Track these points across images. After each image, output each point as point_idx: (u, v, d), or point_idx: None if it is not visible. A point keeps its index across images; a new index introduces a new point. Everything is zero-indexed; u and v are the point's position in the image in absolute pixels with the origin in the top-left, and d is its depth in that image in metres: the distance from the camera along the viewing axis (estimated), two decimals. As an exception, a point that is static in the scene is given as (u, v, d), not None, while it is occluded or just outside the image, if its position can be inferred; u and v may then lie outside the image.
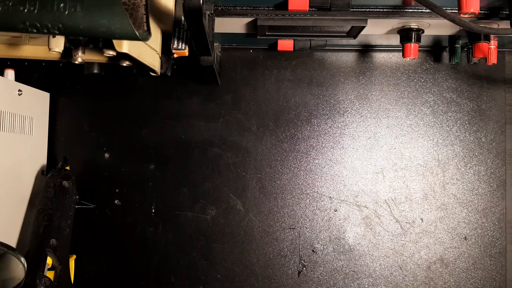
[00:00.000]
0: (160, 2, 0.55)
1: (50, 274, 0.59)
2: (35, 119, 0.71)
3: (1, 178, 0.62)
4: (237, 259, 0.77)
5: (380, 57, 0.78)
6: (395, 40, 0.67)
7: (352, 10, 0.60)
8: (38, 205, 0.65)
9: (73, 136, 0.78)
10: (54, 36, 0.53)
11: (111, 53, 0.55)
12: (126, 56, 0.55)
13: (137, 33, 0.43)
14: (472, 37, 0.67)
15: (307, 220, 0.77)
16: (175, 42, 0.58)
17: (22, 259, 0.56)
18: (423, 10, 0.60)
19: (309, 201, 0.77)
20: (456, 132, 0.77)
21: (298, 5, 0.58)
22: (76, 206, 0.69)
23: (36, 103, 0.72)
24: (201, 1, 0.44)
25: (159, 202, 0.77)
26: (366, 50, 0.78)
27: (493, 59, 0.68)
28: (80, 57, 0.57)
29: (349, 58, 0.78)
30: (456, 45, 0.72)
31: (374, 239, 0.76)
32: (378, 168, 0.77)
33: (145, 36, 0.45)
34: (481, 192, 0.76)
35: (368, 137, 0.77)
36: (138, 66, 0.60)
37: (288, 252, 0.77)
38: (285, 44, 0.71)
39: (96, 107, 0.78)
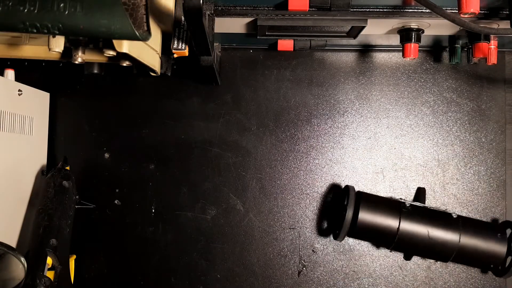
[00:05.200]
0: (160, 2, 0.55)
1: (50, 274, 0.59)
2: (35, 119, 0.71)
3: (1, 178, 0.62)
4: (237, 259, 0.77)
5: (380, 57, 0.78)
6: (395, 40, 0.67)
7: (352, 10, 0.60)
8: (38, 205, 0.65)
9: (73, 136, 0.78)
10: (54, 36, 0.53)
11: (111, 53, 0.55)
12: (126, 56, 0.55)
13: (137, 33, 0.43)
14: (472, 37, 0.67)
15: (307, 220, 0.77)
16: (175, 42, 0.58)
17: (22, 259, 0.56)
18: (423, 10, 0.60)
19: (309, 201, 0.77)
20: (456, 132, 0.77)
21: (298, 5, 0.58)
22: (76, 206, 0.69)
23: (36, 103, 0.72)
24: (201, 1, 0.44)
25: (159, 202, 0.77)
26: (366, 50, 0.78)
27: (493, 59, 0.68)
28: (80, 57, 0.57)
29: (349, 58, 0.78)
30: (456, 45, 0.72)
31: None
32: (378, 168, 0.77)
33: (145, 36, 0.45)
34: (481, 192, 0.76)
35: (368, 137, 0.77)
36: (138, 66, 0.61)
37: (288, 252, 0.77)
38: (285, 44, 0.71)
39: (96, 107, 0.78)
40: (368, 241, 0.75)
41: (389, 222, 0.68)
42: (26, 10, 0.42)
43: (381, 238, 0.69)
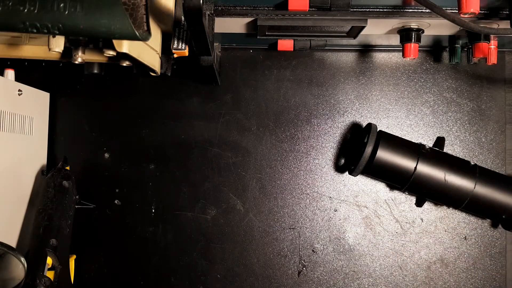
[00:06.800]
0: (160, 2, 0.55)
1: (50, 274, 0.59)
2: (35, 119, 0.71)
3: (1, 178, 0.62)
4: (237, 259, 0.77)
5: (380, 57, 0.78)
6: (395, 40, 0.67)
7: (352, 10, 0.60)
8: (38, 205, 0.65)
9: (73, 136, 0.78)
10: (54, 36, 0.53)
11: (111, 53, 0.55)
12: (126, 56, 0.55)
13: (137, 33, 0.43)
14: (472, 37, 0.67)
15: (307, 220, 0.77)
16: (175, 42, 0.58)
17: (22, 259, 0.56)
18: (423, 10, 0.60)
19: (309, 201, 0.77)
20: (456, 132, 0.77)
21: (298, 5, 0.58)
22: (76, 206, 0.69)
23: (36, 103, 0.72)
24: (201, 1, 0.44)
25: (159, 202, 0.77)
26: (366, 50, 0.78)
27: (493, 59, 0.68)
28: (80, 57, 0.57)
29: (349, 58, 0.78)
30: (456, 45, 0.72)
31: (374, 239, 0.76)
32: (378, 168, 0.77)
33: (145, 36, 0.45)
34: (481, 192, 0.76)
35: (368, 137, 0.77)
36: (138, 66, 0.60)
37: (288, 252, 0.77)
38: (285, 44, 0.71)
39: (96, 107, 0.78)
40: (383, 180, 0.75)
41: (407, 161, 0.68)
42: (26, 10, 0.42)
43: (397, 177, 0.69)
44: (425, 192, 0.70)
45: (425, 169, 0.68)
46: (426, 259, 0.76)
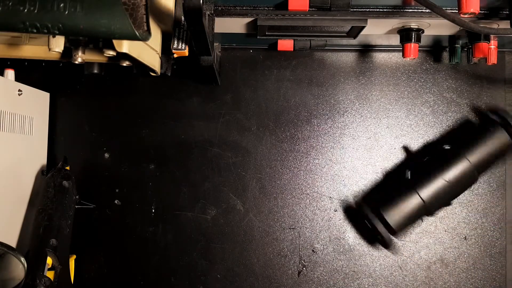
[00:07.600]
0: (160, 2, 0.55)
1: (50, 274, 0.59)
2: (35, 119, 0.71)
3: (1, 178, 0.62)
4: (237, 259, 0.77)
5: (380, 57, 0.78)
6: (395, 40, 0.67)
7: (352, 10, 0.60)
8: (38, 205, 0.65)
9: (73, 136, 0.78)
10: (54, 36, 0.53)
11: (111, 53, 0.55)
12: (126, 56, 0.55)
13: (137, 33, 0.43)
14: (472, 37, 0.67)
15: (307, 220, 0.77)
16: (175, 42, 0.58)
17: (22, 259, 0.56)
18: (423, 10, 0.60)
19: (309, 201, 0.77)
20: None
21: (298, 5, 0.58)
22: (76, 206, 0.69)
23: (36, 103, 0.72)
24: (201, 1, 0.45)
25: (159, 202, 0.77)
26: (366, 50, 0.78)
27: (493, 59, 0.68)
28: (80, 57, 0.57)
29: (349, 58, 0.78)
30: (456, 45, 0.72)
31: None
32: (378, 168, 0.77)
33: (145, 36, 0.45)
34: (481, 192, 0.76)
35: (368, 137, 0.77)
36: (138, 66, 0.60)
37: (288, 252, 0.77)
38: (285, 44, 0.71)
39: (96, 107, 0.78)
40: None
41: (412, 200, 0.68)
42: (26, 10, 0.42)
43: (417, 217, 0.70)
44: (445, 201, 0.70)
45: (428, 192, 0.68)
46: (426, 259, 0.76)
